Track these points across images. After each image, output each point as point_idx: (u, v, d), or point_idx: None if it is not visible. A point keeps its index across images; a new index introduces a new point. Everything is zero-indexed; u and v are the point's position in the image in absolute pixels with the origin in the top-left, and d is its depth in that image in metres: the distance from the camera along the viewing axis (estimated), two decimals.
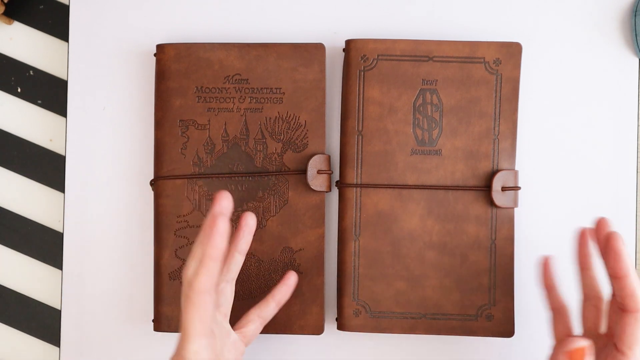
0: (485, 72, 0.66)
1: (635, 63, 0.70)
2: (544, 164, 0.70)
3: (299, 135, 0.67)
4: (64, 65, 0.73)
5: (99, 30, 0.71)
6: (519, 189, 0.66)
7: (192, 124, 0.67)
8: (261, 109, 0.67)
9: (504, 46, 0.66)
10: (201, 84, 0.67)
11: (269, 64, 0.67)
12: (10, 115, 0.73)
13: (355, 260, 0.67)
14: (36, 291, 0.72)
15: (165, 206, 0.67)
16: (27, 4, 0.73)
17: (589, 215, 0.69)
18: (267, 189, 0.67)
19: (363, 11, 0.70)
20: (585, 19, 0.70)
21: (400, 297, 0.66)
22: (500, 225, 0.67)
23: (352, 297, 0.67)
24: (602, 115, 0.70)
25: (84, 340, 0.70)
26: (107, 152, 0.71)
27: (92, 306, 0.70)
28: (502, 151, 0.66)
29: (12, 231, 0.72)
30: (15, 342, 0.72)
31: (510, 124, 0.66)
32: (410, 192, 0.67)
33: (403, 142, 0.67)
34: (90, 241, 0.70)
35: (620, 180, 0.69)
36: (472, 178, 0.67)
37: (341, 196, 0.67)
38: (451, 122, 0.67)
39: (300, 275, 0.67)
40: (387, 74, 0.66)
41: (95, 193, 0.70)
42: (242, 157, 0.67)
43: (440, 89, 0.66)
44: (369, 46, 0.66)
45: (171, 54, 0.67)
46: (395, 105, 0.66)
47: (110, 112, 0.71)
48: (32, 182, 0.73)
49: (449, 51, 0.66)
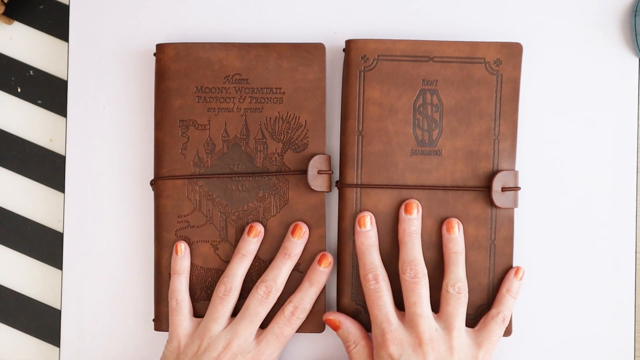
0: (485, 72, 0.66)
1: (635, 63, 0.70)
2: (544, 164, 0.69)
3: (299, 135, 0.67)
4: (64, 65, 0.73)
5: (99, 30, 0.71)
6: (519, 189, 0.66)
7: (192, 124, 0.67)
8: (261, 109, 0.67)
9: (505, 46, 0.66)
10: (201, 84, 0.67)
11: (269, 64, 0.67)
12: (10, 115, 0.73)
13: (355, 260, 0.67)
14: (36, 291, 0.72)
15: (166, 206, 0.67)
16: (27, 4, 0.73)
17: (588, 215, 0.69)
18: (267, 189, 0.67)
19: (363, 11, 0.70)
20: (585, 19, 0.70)
21: (399, 298, 0.66)
22: (500, 226, 0.67)
23: (351, 297, 0.67)
24: (602, 115, 0.70)
25: (84, 340, 0.70)
26: (107, 152, 0.70)
27: (92, 306, 0.70)
28: (502, 151, 0.66)
29: (12, 231, 0.72)
30: (15, 342, 0.72)
31: (511, 125, 0.66)
32: (410, 193, 0.67)
33: (403, 142, 0.66)
34: (90, 241, 0.70)
35: (620, 180, 0.69)
36: (472, 178, 0.67)
37: (341, 196, 0.67)
38: (451, 123, 0.66)
39: (300, 274, 0.67)
40: (388, 74, 0.66)
41: (95, 193, 0.70)
42: (242, 157, 0.67)
43: (441, 90, 0.66)
44: (369, 46, 0.66)
45: (171, 53, 0.67)
46: (396, 106, 0.66)
47: (110, 112, 0.71)
48: (32, 182, 0.73)
49: (449, 51, 0.66)
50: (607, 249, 0.69)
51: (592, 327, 0.69)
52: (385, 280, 0.64)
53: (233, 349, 0.63)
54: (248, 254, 0.66)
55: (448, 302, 0.64)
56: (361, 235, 0.65)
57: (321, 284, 0.66)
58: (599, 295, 0.69)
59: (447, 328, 0.63)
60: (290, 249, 0.66)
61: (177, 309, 0.66)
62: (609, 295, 0.69)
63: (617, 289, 0.69)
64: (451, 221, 0.66)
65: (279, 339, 0.64)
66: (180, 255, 0.67)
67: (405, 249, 0.65)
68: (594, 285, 0.69)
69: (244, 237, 0.66)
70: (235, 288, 0.66)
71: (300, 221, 0.67)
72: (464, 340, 0.64)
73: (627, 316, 0.69)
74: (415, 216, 0.65)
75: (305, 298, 0.65)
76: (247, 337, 0.64)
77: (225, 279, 0.66)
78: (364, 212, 0.66)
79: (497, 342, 0.65)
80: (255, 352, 0.64)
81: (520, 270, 0.67)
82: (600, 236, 0.69)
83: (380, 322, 0.63)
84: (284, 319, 0.65)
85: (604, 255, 0.69)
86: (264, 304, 0.65)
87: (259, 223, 0.67)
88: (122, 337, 0.70)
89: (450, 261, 0.65)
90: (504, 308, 0.66)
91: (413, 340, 0.62)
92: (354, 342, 0.65)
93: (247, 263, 0.66)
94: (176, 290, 0.66)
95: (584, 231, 0.69)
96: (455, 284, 0.64)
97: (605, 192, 0.69)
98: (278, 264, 0.66)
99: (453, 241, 0.66)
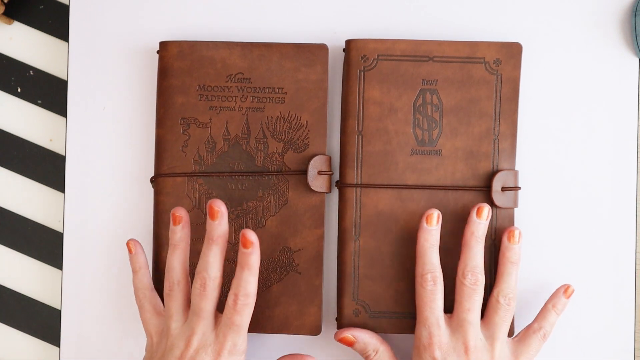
0: (485, 72, 0.66)
1: (635, 63, 0.70)
2: (544, 164, 0.69)
3: (300, 135, 0.67)
4: (64, 65, 0.73)
5: (99, 30, 0.71)
6: (519, 189, 0.66)
7: (193, 122, 0.67)
8: (263, 108, 0.67)
9: (504, 46, 0.66)
10: (203, 82, 0.67)
11: (272, 64, 0.67)
12: (10, 115, 0.73)
13: (355, 260, 0.67)
14: (36, 291, 0.72)
15: (165, 204, 0.67)
16: (27, 4, 0.73)
17: (588, 215, 0.69)
18: (267, 189, 0.67)
19: (363, 11, 0.70)
20: (586, 19, 0.70)
21: (400, 297, 0.66)
22: (500, 225, 0.67)
23: (352, 297, 0.67)
24: (602, 115, 0.70)
25: (84, 340, 0.70)
26: (107, 152, 0.70)
27: (92, 306, 0.70)
28: (502, 151, 0.66)
29: (12, 231, 0.72)
30: (15, 342, 0.72)
31: (511, 124, 0.66)
32: (410, 192, 0.67)
33: (403, 142, 0.66)
34: (90, 241, 0.70)
35: (620, 180, 0.69)
36: (472, 178, 0.67)
37: (341, 196, 0.67)
38: (451, 122, 0.66)
39: (298, 275, 0.67)
40: (387, 74, 0.66)
41: (95, 193, 0.70)
42: (242, 156, 0.67)
43: (441, 89, 0.66)
44: (369, 46, 0.66)
45: (174, 51, 0.67)
46: (396, 106, 0.66)
47: (111, 111, 0.71)
48: (32, 182, 0.72)
49: (449, 51, 0.66)
50: (607, 249, 0.69)
51: (592, 327, 0.69)
52: (441, 283, 0.64)
53: (194, 345, 0.62)
54: (178, 243, 0.64)
55: (497, 312, 0.64)
56: (426, 232, 0.65)
57: (251, 265, 0.62)
58: (599, 295, 0.69)
59: (491, 337, 0.64)
60: (212, 232, 0.63)
61: (141, 307, 0.66)
62: (609, 295, 0.69)
63: (617, 289, 0.69)
64: (513, 231, 0.65)
65: (232, 329, 0.62)
66: (134, 252, 0.67)
67: (464, 253, 0.65)
68: (594, 285, 0.69)
69: (171, 227, 0.65)
70: (179, 281, 0.64)
71: (215, 199, 0.64)
72: (504, 353, 0.64)
73: (627, 316, 0.69)
74: (484, 221, 0.65)
75: (241, 283, 0.62)
76: (205, 331, 0.63)
77: (166, 275, 0.64)
78: (432, 209, 0.65)
79: (535, 357, 0.65)
80: (216, 344, 0.62)
81: (570, 288, 0.67)
82: (600, 236, 0.69)
83: (430, 324, 0.63)
84: (230, 309, 0.62)
85: (604, 255, 0.69)
86: (204, 298, 0.63)
87: (180, 207, 0.65)
88: (122, 337, 0.70)
89: (506, 271, 0.65)
90: (546, 324, 0.65)
91: (459, 347, 0.63)
92: (374, 349, 0.65)
93: (181, 252, 0.64)
94: (137, 289, 0.66)
95: (584, 231, 0.69)
96: (507, 295, 0.64)
97: (605, 192, 0.69)
98: (205, 252, 0.63)
99: (512, 250, 0.65)
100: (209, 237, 0.63)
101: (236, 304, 0.62)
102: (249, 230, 0.62)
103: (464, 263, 0.64)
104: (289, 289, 0.67)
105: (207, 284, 0.62)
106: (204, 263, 0.63)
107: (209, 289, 0.63)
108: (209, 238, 0.63)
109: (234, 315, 0.62)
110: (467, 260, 0.64)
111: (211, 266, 0.63)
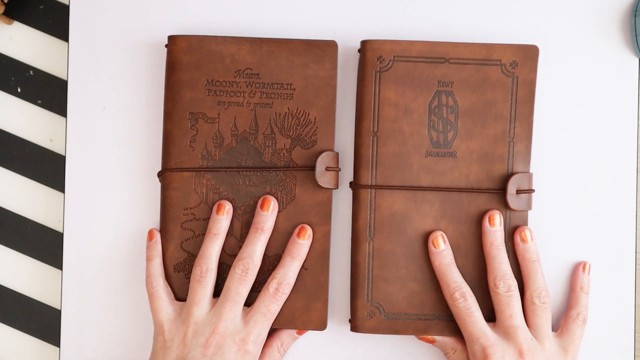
0: (501, 74, 0.66)
1: (635, 63, 0.70)
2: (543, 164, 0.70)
3: (308, 131, 0.67)
4: (64, 65, 0.72)
5: (99, 30, 0.70)
6: (533, 191, 0.66)
7: (201, 117, 0.67)
8: (271, 104, 0.67)
9: (521, 49, 0.66)
10: (212, 77, 0.67)
11: (281, 60, 0.67)
12: (10, 115, 0.73)
13: (369, 261, 0.67)
14: (36, 291, 0.72)
15: (172, 198, 0.67)
16: (27, 4, 0.72)
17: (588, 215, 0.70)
18: (274, 185, 0.67)
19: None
20: (586, 19, 0.70)
21: (414, 299, 0.67)
22: (514, 228, 0.67)
23: (365, 298, 0.67)
24: (601, 115, 0.70)
25: (84, 340, 0.70)
26: (108, 152, 0.70)
27: (92, 306, 0.70)
28: (517, 154, 0.67)
29: (12, 231, 0.72)
30: (15, 342, 0.72)
31: (526, 127, 0.67)
32: (424, 194, 0.67)
33: (418, 143, 0.66)
34: (90, 241, 0.70)
35: (620, 180, 0.70)
36: (487, 180, 0.67)
37: (355, 197, 0.67)
38: (466, 124, 0.67)
39: (305, 271, 0.67)
40: (403, 75, 0.66)
41: (95, 193, 0.70)
42: (250, 151, 0.67)
43: (456, 91, 0.66)
44: (385, 47, 0.66)
45: (183, 45, 0.67)
46: (411, 107, 0.66)
47: (111, 112, 0.70)
48: (32, 182, 0.72)
49: (465, 53, 0.66)
50: (607, 249, 0.70)
51: (592, 327, 0.69)
52: (471, 295, 0.65)
53: (221, 332, 0.63)
54: (219, 232, 0.66)
55: (535, 314, 0.65)
56: (438, 256, 0.66)
57: (302, 257, 0.66)
58: (599, 295, 0.70)
59: (539, 338, 0.65)
60: (262, 222, 0.66)
61: (154, 294, 0.66)
62: (609, 295, 0.70)
63: (617, 289, 0.70)
64: (524, 230, 0.66)
65: (266, 317, 0.64)
66: (154, 240, 0.67)
67: (490, 264, 0.66)
68: (594, 285, 0.70)
69: (213, 216, 0.66)
70: (212, 269, 0.65)
71: (268, 195, 0.67)
72: (554, 349, 0.65)
73: (627, 316, 0.70)
74: (499, 227, 0.66)
75: (288, 272, 0.65)
76: (234, 318, 0.64)
77: (200, 260, 0.65)
78: (435, 231, 0.66)
79: (580, 344, 0.66)
80: (244, 332, 0.63)
81: (587, 264, 0.68)
82: (600, 236, 0.70)
83: (477, 337, 0.64)
84: (269, 296, 0.64)
85: (604, 255, 0.70)
86: (243, 282, 0.64)
87: (226, 201, 0.67)
88: (122, 337, 0.70)
89: (530, 271, 0.66)
90: (582, 308, 0.67)
91: (513, 352, 0.63)
92: (453, 348, 0.67)
93: (220, 242, 0.66)
94: (150, 276, 0.66)
95: (584, 231, 0.70)
96: (540, 295, 0.65)
97: (604, 192, 0.70)
98: (252, 239, 0.65)
99: (529, 250, 0.66)
100: (258, 227, 0.65)
101: (277, 291, 0.64)
102: (308, 226, 0.66)
103: (493, 274, 0.65)
104: (295, 284, 0.67)
105: (249, 270, 0.64)
106: (249, 250, 0.65)
107: (250, 274, 0.64)
108: (257, 228, 0.65)
109: (272, 303, 0.64)
110: (495, 271, 0.65)
111: (256, 253, 0.65)
